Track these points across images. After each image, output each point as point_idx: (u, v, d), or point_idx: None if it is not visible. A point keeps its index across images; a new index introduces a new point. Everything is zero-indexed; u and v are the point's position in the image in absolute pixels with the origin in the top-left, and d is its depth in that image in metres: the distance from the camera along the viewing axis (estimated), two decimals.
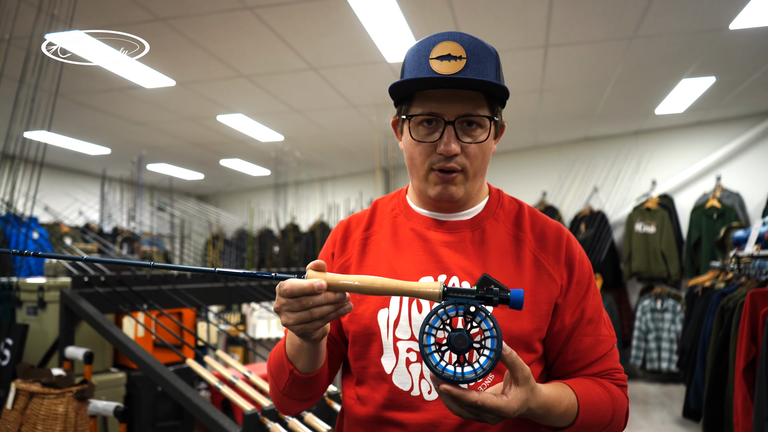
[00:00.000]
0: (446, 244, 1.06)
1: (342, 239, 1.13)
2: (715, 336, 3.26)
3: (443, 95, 0.98)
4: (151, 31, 3.69)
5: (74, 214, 6.73)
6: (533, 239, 1.07)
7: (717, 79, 4.86)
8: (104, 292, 2.67)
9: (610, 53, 4.21)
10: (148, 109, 5.37)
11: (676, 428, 4.35)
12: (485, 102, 1.00)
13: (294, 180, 8.38)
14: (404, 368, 1.01)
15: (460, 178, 1.01)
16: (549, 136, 6.97)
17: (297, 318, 0.86)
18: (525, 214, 1.10)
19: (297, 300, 0.85)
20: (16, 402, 2.18)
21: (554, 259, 1.05)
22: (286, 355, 1.01)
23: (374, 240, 1.11)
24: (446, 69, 0.96)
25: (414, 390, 1.00)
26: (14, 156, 3.17)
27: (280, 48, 3.99)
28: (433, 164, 1.01)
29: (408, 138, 1.03)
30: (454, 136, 0.98)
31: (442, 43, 0.98)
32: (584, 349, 1.04)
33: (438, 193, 1.02)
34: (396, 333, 1.02)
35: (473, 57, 0.97)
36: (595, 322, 1.05)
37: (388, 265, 1.06)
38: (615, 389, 1.03)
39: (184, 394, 1.99)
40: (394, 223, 1.11)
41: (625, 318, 6.42)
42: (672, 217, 6.08)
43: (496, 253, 1.04)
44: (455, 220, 1.08)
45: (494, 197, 1.12)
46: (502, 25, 3.71)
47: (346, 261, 1.10)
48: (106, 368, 3.07)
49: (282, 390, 1.04)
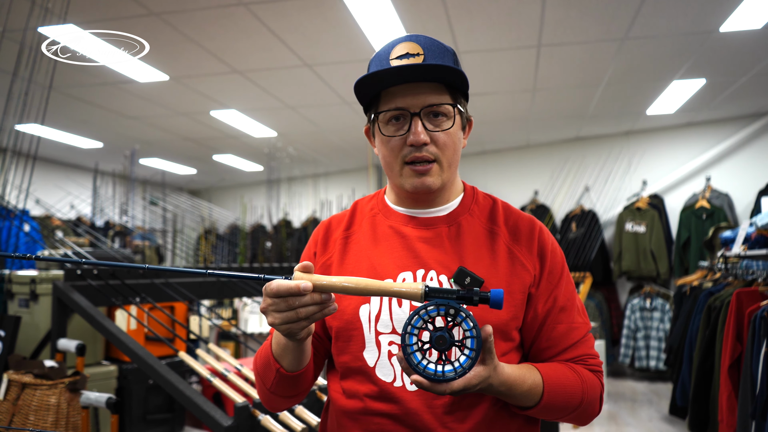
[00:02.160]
0: (423, 239, 1.09)
1: (323, 239, 1.17)
2: (702, 334, 3.31)
3: (406, 90, 1.03)
4: (145, 26, 3.69)
5: (66, 208, 6.71)
6: (507, 232, 1.11)
7: (707, 81, 4.91)
8: (97, 285, 2.68)
9: (602, 54, 4.25)
10: (141, 103, 5.37)
11: (663, 425, 4.40)
12: (447, 92, 1.05)
13: (287, 176, 8.38)
14: (386, 361, 1.04)
15: (435, 168, 1.05)
16: (541, 136, 7.01)
17: (283, 318, 0.89)
18: (499, 209, 1.14)
19: (283, 300, 0.88)
20: (8, 393, 2.19)
21: (527, 250, 1.09)
22: (272, 354, 1.04)
23: (354, 239, 1.14)
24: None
25: (397, 381, 1.03)
26: (6, 149, 3.17)
27: (275, 44, 4.00)
28: (405, 157, 1.05)
29: (380, 137, 1.08)
30: (420, 125, 1.03)
31: (400, 44, 1.04)
32: (557, 336, 1.08)
33: (414, 186, 1.06)
34: (378, 327, 1.05)
35: (430, 53, 1.03)
36: (568, 310, 1.09)
37: (368, 262, 1.10)
38: (587, 374, 1.07)
39: (176, 386, 2.00)
40: (373, 222, 1.15)
41: (615, 316, 6.47)
42: (662, 217, 6.14)
43: (472, 246, 1.09)
44: (431, 216, 1.12)
45: (469, 194, 1.17)
46: (495, 24, 3.74)
47: (327, 260, 1.14)
48: (98, 361, 3.08)
49: (269, 388, 1.07)
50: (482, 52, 4.19)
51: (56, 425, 2.10)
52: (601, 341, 5.19)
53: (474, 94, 5.20)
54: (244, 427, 1.80)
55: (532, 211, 6.91)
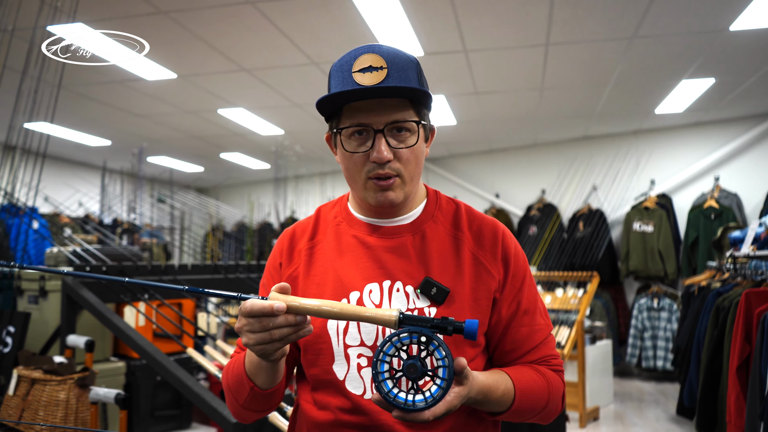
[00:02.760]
0: (388, 249, 1.09)
1: (288, 249, 1.15)
2: (710, 335, 3.29)
3: (369, 105, 1.01)
4: (153, 24, 3.70)
5: (74, 205, 6.74)
6: (471, 238, 1.11)
7: (716, 81, 4.88)
8: (105, 282, 2.70)
9: (611, 53, 4.23)
10: (149, 101, 5.39)
11: (670, 426, 4.39)
12: (411, 107, 1.04)
13: (294, 174, 8.40)
14: (356, 374, 1.04)
15: (397, 182, 1.04)
16: (548, 135, 6.99)
17: (257, 339, 0.89)
18: (462, 214, 1.14)
19: (257, 321, 0.88)
20: (18, 388, 2.21)
21: (491, 255, 1.10)
22: (245, 373, 1.04)
23: (319, 249, 1.13)
24: (369, 80, 1.00)
25: (367, 394, 1.03)
26: (16, 147, 3.19)
27: (282, 42, 4.01)
28: (369, 173, 1.04)
29: (342, 151, 1.06)
30: (384, 143, 1.01)
31: (363, 56, 1.02)
32: (521, 338, 1.09)
33: (377, 201, 1.05)
34: (346, 340, 1.05)
35: (393, 66, 1.01)
36: (530, 313, 1.11)
37: (334, 273, 1.09)
38: (551, 374, 1.09)
39: (184, 382, 2.01)
40: (337, 231, 1.14)
41: (622, 316, 6.45)
42: (670, 217, 6.11)
43: (437, 255, 1.08)
44: (396, 224, 1.11)
45: (432, 199, 1.16)
46: (503, 23, 3.73)
47: (293, 271, 1.13)
48: (106, 357, 3.09)
49: (242, 404, 1.07)
50: (490, 50, 4.18)
51: (65, 420, 2.11)
52: (608, 341, 5.17)
53: (481, 92, 5.20)
54: (252, 424, 1.80)
55: (539, 210, 6.90)
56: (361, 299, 1.05)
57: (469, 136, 6.98)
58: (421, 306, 1.04)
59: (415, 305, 1.04)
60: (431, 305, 1.04)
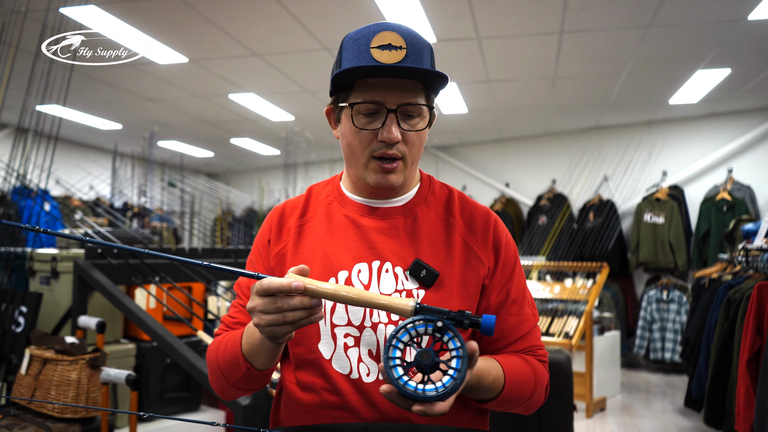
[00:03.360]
0: (379, 230, 1.09)
1: (278, 226, 1.14)
2: (720, 327, 3.27)
3: (384, 84, 1.01)
4: (165, 7, 3.69)
5: (85, 188, 6.78)
6: (462, 223, 1.11)
7: (732, 71, 4.81)
8: (117, 264, 2.72)
9: (626, 41, 4.18)
10: (160, 85, 5.39)
11: (677, 417, 4.38)
12: (423, 91, 1.04)
13: (304, 160, 8.39)
14: (342, 353, 1.03)
15: (400, 165, 1.05)
16: (560, 124, 6.94)
17: (269, 320, 0.87)
18: (455, 200, 1.14)
19: (272, 301, 0.87)
20: (30, 368, 2.23)
21: (482, 242, 1.10)
22: (242, 354, 1.02)
23: (309, 227, 1.12)
24: (388, 58, 0.98)
25: (353, 373, 1.03)
26: (28, 129, 3.20)
27: (295, 27, 3.99)
28: (374, 152, 1.03)
29: (348, 126, 1.05)
30: (396, 123, 1.01)
31: (382, 32, 1.00)
32: (509, 327, 1.09)
33: (377, 182, 1.05)
34: (333, 320, 1.04)
35: (412, 48, 1.00)
36: (519, 303, 1.11)
37: (323, 252, 1.08)
38: (538, 365, 1.09)
39: (194, 365, 2.03)
40: (329, 210, 1.13)
41: (631, 308, 6.43)
42: (681, 209, 6.06)
43: (428, 238, 1.08)
44: (388, 206, 1.11)
45: (425, 183, 1.16)
46: (517, 10, 3.69)
47: (282, 248, 1.12)
48: (116, 339, 3.12)
49: (232, 383, 1.06)
50: (503, 38, 4.14)
51: (77, 400, 2.14)
52: (616, 332, 5.16)
53: (493, 80, 5.16)
54: (262, 407, 1.82)
55: (549, 200, 6.87)
56: (350, 279, 1.05)
57: (480, 125, 6.94)
58: (409, 288, 1.04)
59: (404, 287, 1.04)
60: (419, 287, 1.04)
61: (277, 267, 1.11)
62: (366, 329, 1.03)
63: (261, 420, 1.80)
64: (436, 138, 7.46)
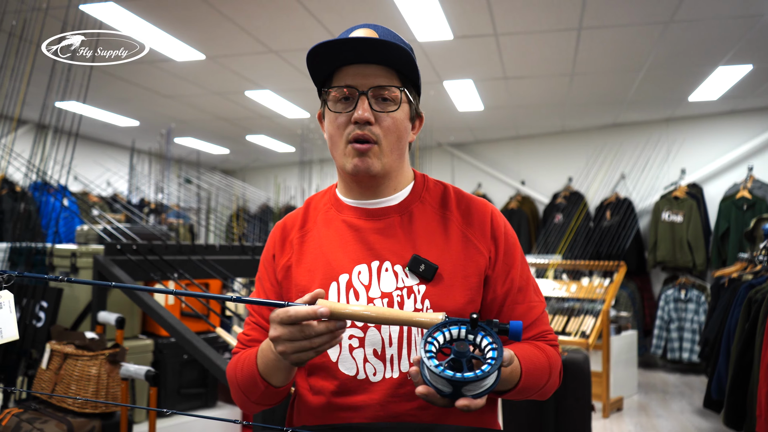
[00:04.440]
0: (376, 230, 1.10)
1: (280, 240, 1.17)
2: (741, 327, 3.23)
3: (357, 70, 1.05)
4: (183, 4, 3.70)
5: (103, 184, 6.84)
6: (459, 216, 1.12)
7: (754, 67, 4.74)
8: (136, 260, 2.73)
9: (645, 37, 4.13)
10: (177, 82, 5.42)
11: (695, 418, 4.34)
12: (397, 79, 1.07)
13: (319, 158, 8.40)
14: (348, 355, 1.05)
15: (375, 149, 1.06)
16: (577, 122, 6.88)
17: (296, 347, 0.89)
18: (450, 194, 1.16)
19: (299, 329, 0.88)
20: (51, 362, 2.25)
21: (480, 233, 1.10)
22: (258, 374, 1.04)
23: (310, 237, 1.15)
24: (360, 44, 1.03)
25: (360, 374, 1.04)
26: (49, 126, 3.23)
27: (311, 23, 3.99)
28: (349, 135, 1.06)
29: (328, 114, 1.09)
30: (367, 104, 1.04)
31: (358, 29, 1.08)
32: (518, 315, 1.10)
33: (354, 166, 1.06)
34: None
35: (385, 38, 1.04)
36: (524, 290, 1.11)
37: (324, 259, 1.10)
38: (550, 350, 1.10)
39: (213, 361, 2.03)
40: (327, 218, 1.16)
41: (648, 307, 6.37)
42: (700, 207, 5.99)
43: (424, 233, 1.10)
44: (383, 206, 1.12)
45: (419, 182, 1.17)
46: (535, 6, 3.66)
47: (286, 261, 1.14)
48: (135, 335, 3.14)
49: (254, 400, 1.08)
50: (521, 34, 4.11)
51: (96, 395, 2.15)
52: (633, 331, 5.12)
53: (510, 77, 5.12)
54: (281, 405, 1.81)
55: (565, 198, 6.82)
56: (351, 281, 1.07)
57: (496, 122, 6.90)
58: (410, 284, 1.05)
59: (404, 284, 1.05)
60: (420, 283, 1.05)
61: (284, 280, 1.13)
62: (370, 329, 1.04)
63: (279, 418, 1.80)
64: (451, 135, 7.43)
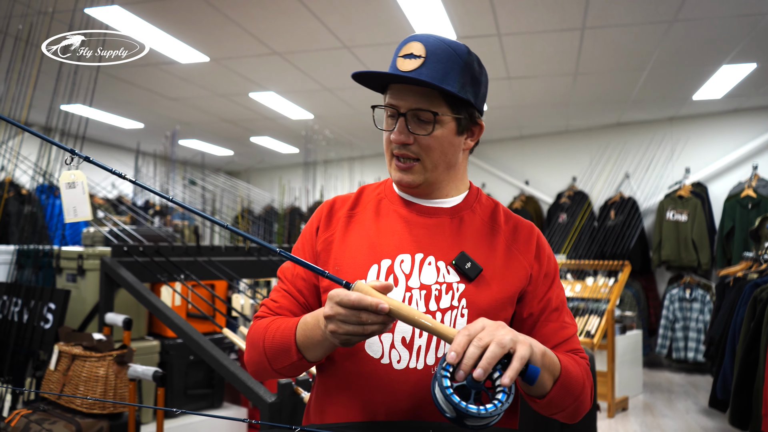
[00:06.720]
0: (425, 226, 1.13)
1: (327, 216, 1.20)
2: (747, 327, 3.23)
3: (400, 90, 1.08)
4: (187, 7, 3.72)
5: (108, 187, 6.87)
6: (507, 231, 1.16)
7: (758, 66, 4.73)
8: (143, 261, 2.75)
9: (649, 37, 4.13)
10: (181, 84, 5.44)
11: (701, 417, 4.33)
12: (441, 98, 1.07)
13: (323, 159, 8.42)
14: (375, 337, 1.06)
15: (417, 167, 1.10)
16: (581, 121, 6.88)
17: (349, 330, 0.91)
18: (500, 211, 1.19)
19: (355, 314, 0.90)
20: (59, 363, 2.27)
21: (526, 249, 1.14)
22: (296, 345, 1.04)
23: (358, 218, 1.18)
24: (405, 66, 1.05)
25: (384, 358, 1.05)
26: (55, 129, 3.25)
27: (314, 26, 4.00)
28: (393, 150, 1.11)
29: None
30: (404, 126, 1.07)
31: (410, 42, 1.08)
32: (550, 332, 1.11)
33: (397, 178, 1.12)
34: None
35: (433, 57, 1.05)
36: (560, 311, 1.14)
37: (369, 241, 1.13)
38: (584, 364, 1.10)
39: (220, 361, 2.05)
40: (379, 206, 1.19)
41: (652, 306, 6.36)
42: (705, 206, 5.98)
43: (472, 238, 1.13)
44: (436, 206, 1.15)
45: (473, 193, 1.21)
46: (539, 6, 3.66)
47: (330, 236, 1.16)
48: (141, 336, 3.16)
49: (277, 369, 1.09)
50: (524, 34, 4.12)
51: (104, 396, 2.17)
52: (638, 331, 5.11)
53: (513, 77, 5.13)
54: (287, 404, 1.83)
55: (569, 198, 6.82)
56: (392, 267, 1.09)
57: (500, 122, 6.90)
58: (450, 281, 1.07)
59: (444, 279, 1.07)
60: (461, 281, 1.07)
61: (323, 252, 1.15)
62: None
63: (286, 417, 1.81)
64: None
